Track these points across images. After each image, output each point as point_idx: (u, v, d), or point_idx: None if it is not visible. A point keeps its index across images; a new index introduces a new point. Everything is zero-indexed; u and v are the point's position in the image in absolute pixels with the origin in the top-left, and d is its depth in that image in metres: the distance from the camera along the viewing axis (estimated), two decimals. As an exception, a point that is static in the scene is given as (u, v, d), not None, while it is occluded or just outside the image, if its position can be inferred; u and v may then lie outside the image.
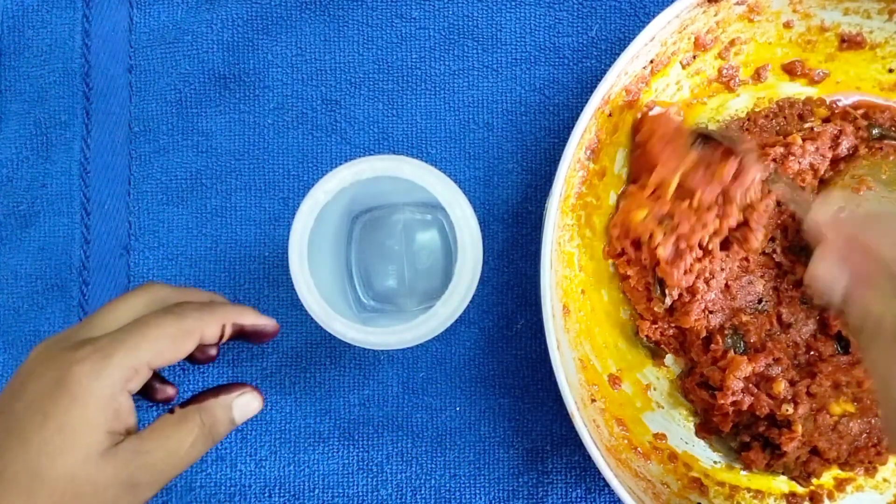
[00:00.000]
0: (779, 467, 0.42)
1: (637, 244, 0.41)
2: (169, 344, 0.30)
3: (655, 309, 0.42)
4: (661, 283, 0.42)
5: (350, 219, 0.40)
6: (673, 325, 0.43)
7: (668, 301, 0.42)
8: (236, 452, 0.44)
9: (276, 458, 0.44)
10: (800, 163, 0.40)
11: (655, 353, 0.44)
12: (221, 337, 0.32)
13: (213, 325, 0.31)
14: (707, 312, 0.42)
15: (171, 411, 0.31)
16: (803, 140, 0.40)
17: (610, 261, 0.43)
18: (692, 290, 0.41)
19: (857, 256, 0.31)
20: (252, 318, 0.33)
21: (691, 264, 0.40)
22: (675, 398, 0.44)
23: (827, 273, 0.32)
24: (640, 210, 0.40)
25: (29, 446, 0.28)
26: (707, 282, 0.41)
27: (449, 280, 0.31)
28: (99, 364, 0.28)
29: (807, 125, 0.42)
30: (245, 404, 0.33)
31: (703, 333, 0.42)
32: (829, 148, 0.41)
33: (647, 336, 0.43)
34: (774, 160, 0.40)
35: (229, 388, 0.33)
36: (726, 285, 0.42)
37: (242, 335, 0.33)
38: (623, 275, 0.43)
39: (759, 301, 0.43)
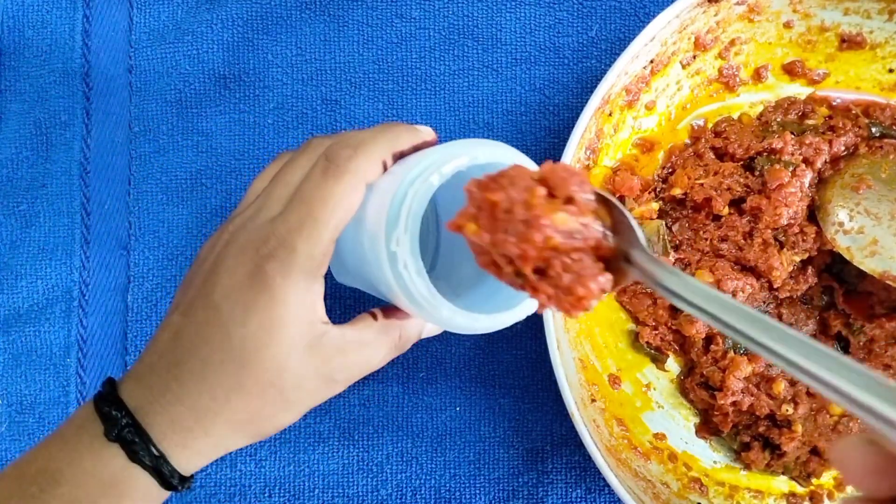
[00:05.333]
0: (779, 467, 0.42)
1: None
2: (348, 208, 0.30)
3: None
4: None
5: None
6: (674, 328, 0.43)
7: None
8: (236, 452, 0.44)
9: (276, 458, 0.44)
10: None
11: (657, 358, 0.44)
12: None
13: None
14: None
15: (374, 316, 0.32)
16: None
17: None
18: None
19: None
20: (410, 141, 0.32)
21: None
22: (675, 398, 0.44)
23: None
24: None
25: (232, 339, 0.29)
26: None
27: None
28: (288, 259, 0.29)
29: (809, 122, 0.42)
30: (433, 327, 0.34)
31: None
32: (829, 143, 0.41)
33: (647, 342, 0.43)
34: (771, 150, 0.41)
35: None
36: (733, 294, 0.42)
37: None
38: (619, 290, 0.43)
39: (763, 302, 0.43)
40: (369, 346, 0.31)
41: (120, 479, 0.29)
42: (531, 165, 0.30)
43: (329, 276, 0.46)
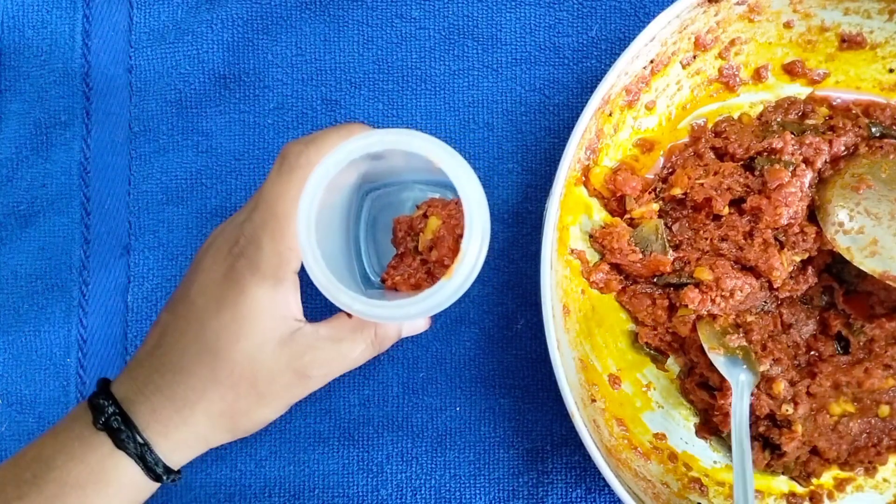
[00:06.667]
0: (779, 467, 0.42)
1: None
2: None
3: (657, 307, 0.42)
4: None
5: (360, 195, 0.40)
6: (671, 330, 0.43)
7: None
8: (236, 452, 0.44)
9: (276, 458, 0.44)
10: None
11: (657, 358, 0.44)
12: None
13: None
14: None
15: (349, 314, 0.32)
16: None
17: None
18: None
19: None
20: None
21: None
22: (675, 398, 0.44)
23: None
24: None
25: (206, 330, 0.30)
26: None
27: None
28: (255, 257, 0.30)
29: (809, 122, 0.42)
30: (414, 325, 0.35)
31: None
32: (830, 142, 0.41)
33: (647, 342, 0.43)
34: (772, 150, 0.40)
35: None
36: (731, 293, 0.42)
37: None
38: (619, 290, 0.43)
39: (765, 302, 0.43)
40: (343, 343, 0.32)
41: (107, 465, 0.30)
42: (436, 149, 0.30)
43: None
